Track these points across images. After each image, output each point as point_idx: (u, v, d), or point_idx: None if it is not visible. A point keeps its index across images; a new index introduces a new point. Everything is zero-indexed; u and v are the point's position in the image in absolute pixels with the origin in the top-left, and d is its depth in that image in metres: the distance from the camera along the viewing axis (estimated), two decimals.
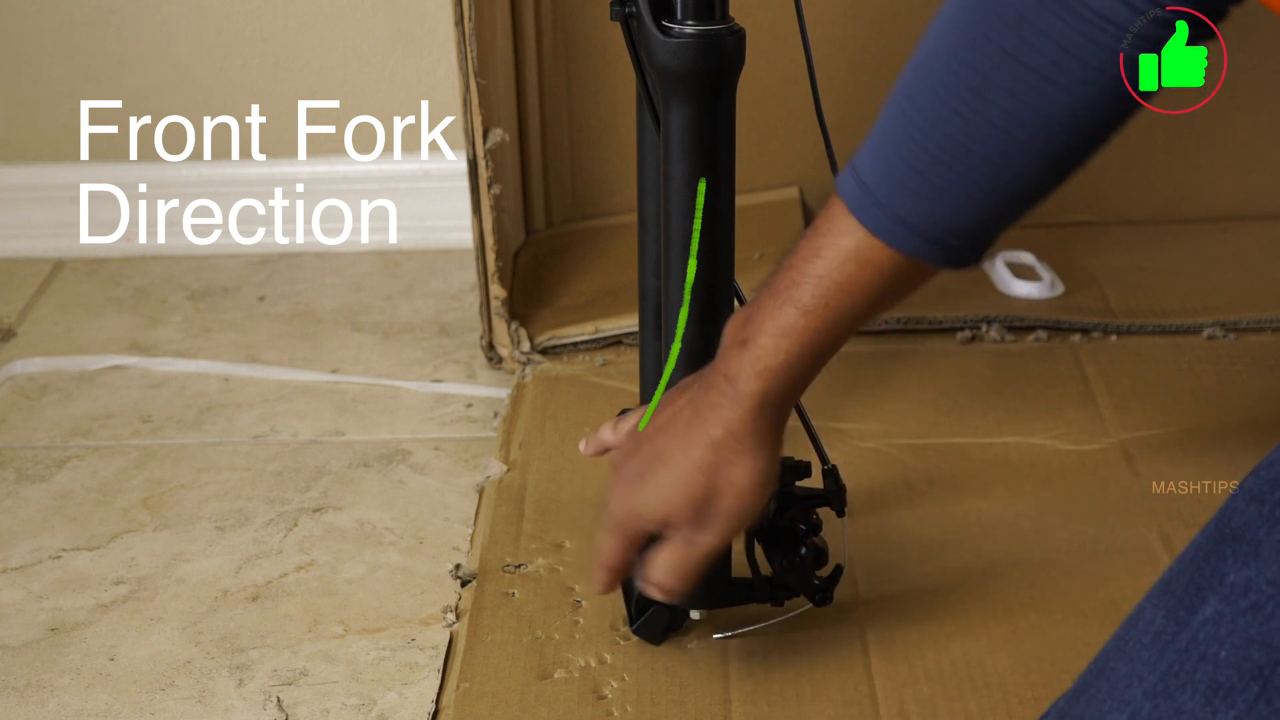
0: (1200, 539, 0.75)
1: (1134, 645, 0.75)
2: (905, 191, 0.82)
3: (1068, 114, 0.78)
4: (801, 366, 0.90)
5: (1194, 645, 0.72)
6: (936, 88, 0.80)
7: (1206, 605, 0.72)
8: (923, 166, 0.81)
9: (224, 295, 1.64)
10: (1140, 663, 0.74)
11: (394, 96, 1.67)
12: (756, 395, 0.90)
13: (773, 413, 0.91)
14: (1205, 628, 0.72)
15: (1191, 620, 0.72)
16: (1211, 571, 0.73)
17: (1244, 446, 1.28)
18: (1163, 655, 0.73)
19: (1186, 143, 1.60)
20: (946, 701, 1.03)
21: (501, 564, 1.18)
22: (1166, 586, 0.76)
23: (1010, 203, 0.83)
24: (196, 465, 1.35)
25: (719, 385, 0.91)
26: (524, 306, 1.50)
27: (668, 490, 0.93)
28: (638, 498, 0.94)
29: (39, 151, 1.72)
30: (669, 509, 0.93)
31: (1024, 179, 0.81)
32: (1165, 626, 0.74)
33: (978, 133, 0.80)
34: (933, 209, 0.82)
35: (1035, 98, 0.78)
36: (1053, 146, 0.80)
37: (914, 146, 0.81)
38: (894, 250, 0.84)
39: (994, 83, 0.78)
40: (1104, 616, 1.10)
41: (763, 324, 0.88)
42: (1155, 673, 0.73)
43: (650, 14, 0.96)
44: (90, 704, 1.08)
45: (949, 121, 0.80)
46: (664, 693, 1.04)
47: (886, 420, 1.34)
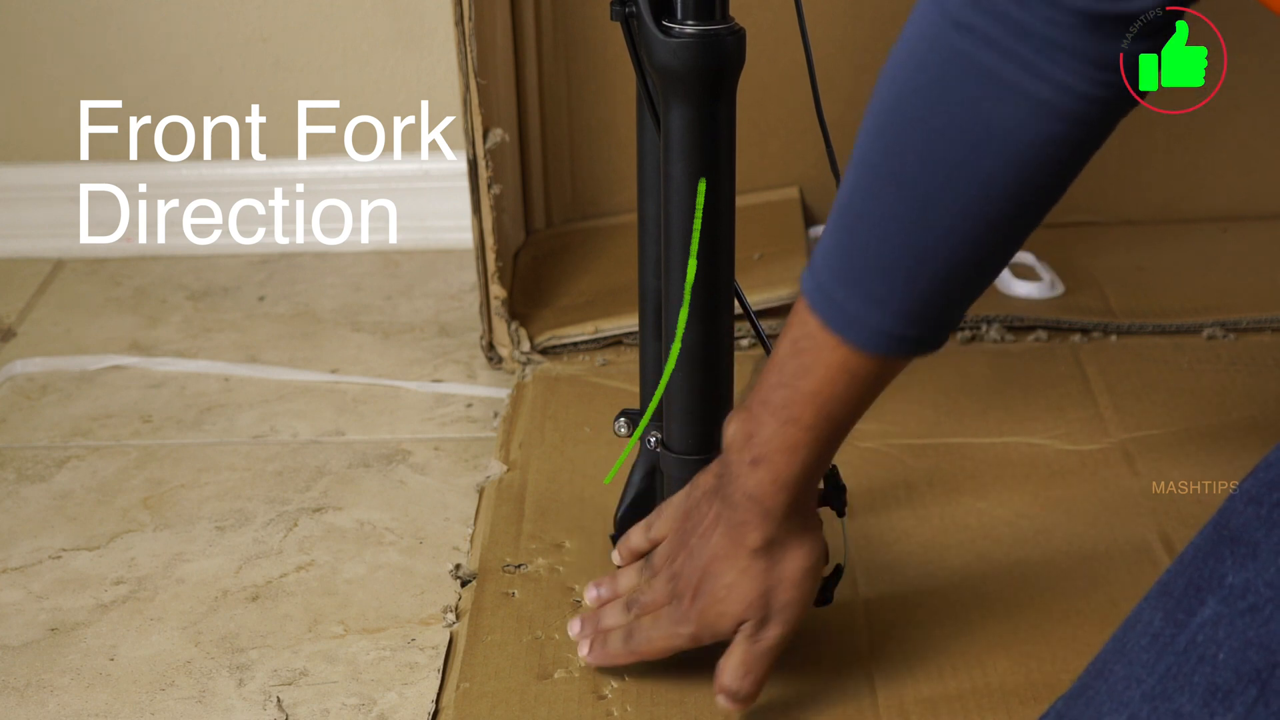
0: (1199, 540, 0.75)
1: (1132, 647, 0.75)
2: (873, 302, 0.86)
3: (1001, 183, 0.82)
4: (815, 467, 0.94)
5: (1192, 647, 0.72)
6: (872, 190, 0.85)
7: (1205, 607, 0.72)
8: (881, 274, 0.85)
9: (224, 295, 1.64)
10: (1138, 665, 0.74)
11: (394, 96, 1.67)
12: (785, 505, 0.94)
13: (801, 505, 0.95)
14: (1203, 630, 0.72)
15: (1190, 622, 0.72)
16: (1210, 573, 0.73)
17: (1244, 446, 1.28)
18: (1161, 657, 0.73)
19: (1186, 143, 1.60)
20: (946, 701, 1.03)
21: (501, 564, 1.18)
22: (1165, 588, 0.75)
23: (977, 275, 0.88)
24: (196, 465, 1.35)
25: (744, 505, 0.94)
26: (524, 306, 1.50)
27: (728, 604, 0.96)
28: (703, 616, 0.97)
29: (39, 151, 1.72)
30: (734, 619, 0.96)
31: (978, 254, 0.86)
32: (1163, 628, 0.74)
33: (920, 233, 0.84)
34: (909, 308, 0.86)
35: (963, 172, 0.81)
36: (991, 214, 0.83)
37: (867, 257, 0.86)
38: (883, 355, 0.88)
39: (925, 167, 0.82)
40: (1104, 616, 1.10)
41: (770, 441, 0.92)
42: (1153, 675, 0.73)
43: (650, 14, 0.96)
44: (90, 704, 1.08)
45: (892, 227, 0.84)
46: (664, 693, 1.04)
47: (886, 420, 1.34)
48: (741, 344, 1.40)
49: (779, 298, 1.46)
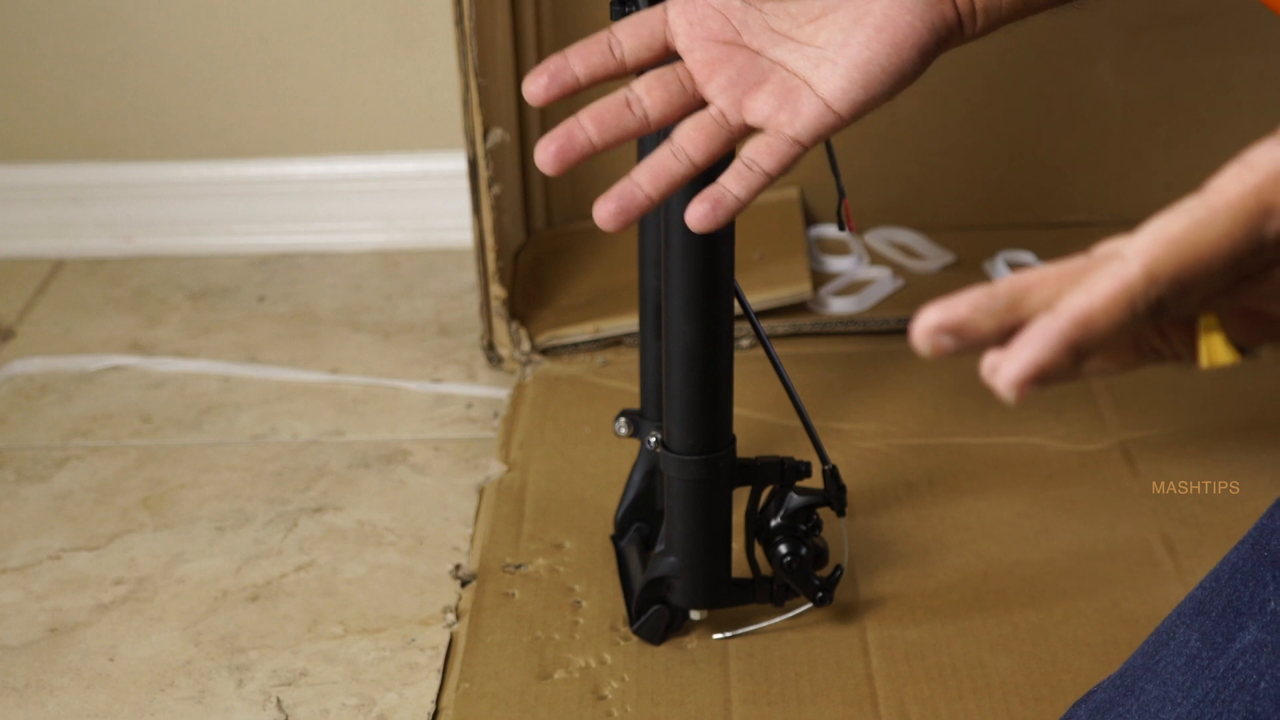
0: (1236, 558, 0.73)
1: (1166, 667, 0.73)
2: None
3: None
4: None
5: (1231, 674, 0.70)
6: None
7: (1245, 632, 0.70)
8: None
9: (224, 295, 1.64)
10: (1173, 686, 0.72)
11: (394, 96, 1.67)
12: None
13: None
14: (1244, 656, 0.70)
15: (1229, 647, 0.71)
16: (1250, 597, 0.71)
17: (1244, 447, 1.28)
18: (1198, 681, 0.71)
19: (1186, 143, 1.60)
20: (946, 702, 1.03)
21: (501, 564, 1.18)
22: (1201, 606, 0.73)
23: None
24: (196, 465, 1.35)
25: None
26: (524, 306, 1.50)
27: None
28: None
29: (39, 151, 1.72)
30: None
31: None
32: (1201, 650, 0.72)
33: None
34: None
35: None
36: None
37: None
38: None
39: None
40: (1104, 616, 1.10)
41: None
42: (1190, 699, 0.71)
43: None
44: (90, 704, 1.08)
45: None
46: (664, 693, 1.04)
47: (886, 420, 1.34)
48: (741, 344, 1.41)
49: (779, 298, 1.46)
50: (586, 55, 0.82)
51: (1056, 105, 1.59)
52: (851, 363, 1.42)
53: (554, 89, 0.82)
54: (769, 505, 1.06)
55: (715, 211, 0.80)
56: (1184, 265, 0.50)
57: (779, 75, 0.80)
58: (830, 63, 0.79)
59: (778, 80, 0.80)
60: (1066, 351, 0.50)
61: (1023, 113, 1.59)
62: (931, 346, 0.54)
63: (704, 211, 0.80)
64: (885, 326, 1.46)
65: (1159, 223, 0.50)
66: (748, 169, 0.80)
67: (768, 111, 0.80)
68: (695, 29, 0.81)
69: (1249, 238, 0.50)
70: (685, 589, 1.07)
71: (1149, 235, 0.50)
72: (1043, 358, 0.50)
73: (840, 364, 1.43)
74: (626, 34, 0.82)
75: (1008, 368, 0.50)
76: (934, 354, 0.54)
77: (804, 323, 1.47)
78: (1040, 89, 1.59)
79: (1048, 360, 0.50)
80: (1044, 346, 0.50)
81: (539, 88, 0.81)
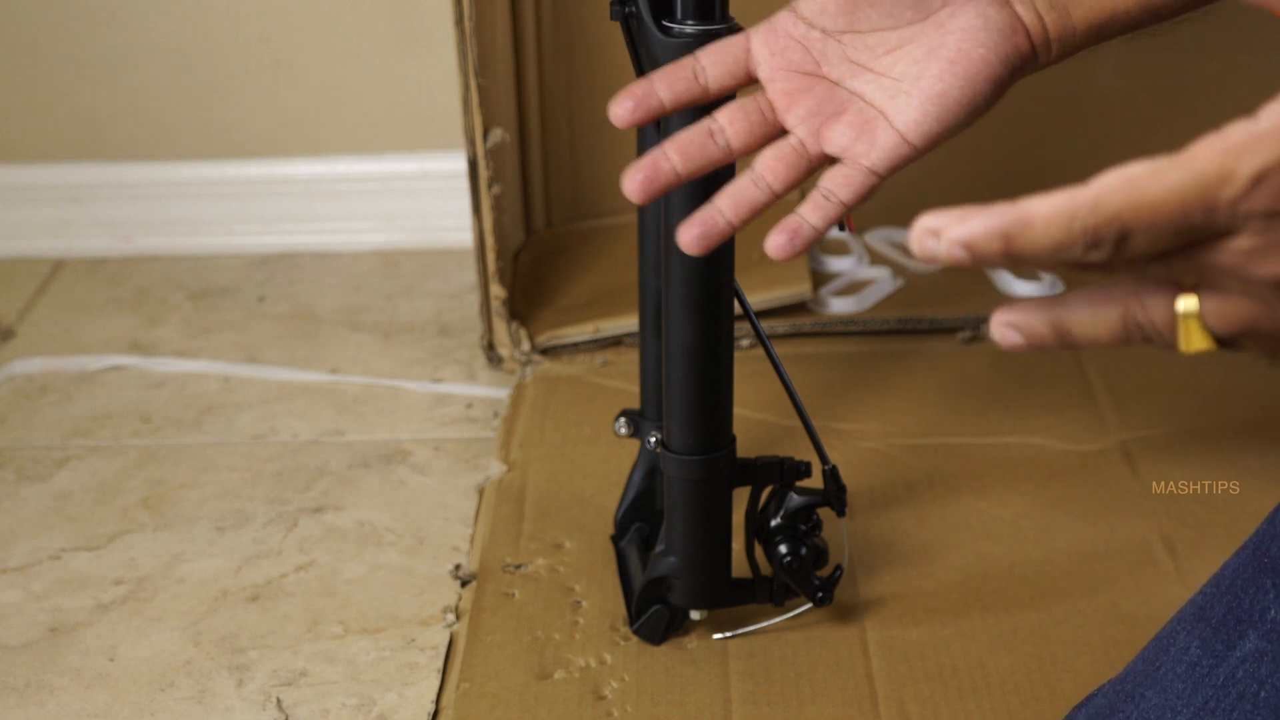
0: (1237, 564, 0.73)
1: (1166, 674, 0.73)
2: None
3: None
4: None
5: (1232, 683, 0.70)
6: None
7: (1246, 640, 0.70)
8: None
9: (224, 295, 1.64)
10: (1173, 693, 0.72)
11: (394, 96, 1.67)
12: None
13: None
14: (1244, 665, 0.70)
15: (1230, 655, 0.70)
16: (1250, 605, 0.71)
17: (1244, 446, 1.28)
18: (1198, 689, 0.71)
19: (1186, 143, 1.60)
20: (946, 702, 1.02)
21: (501, 564, 1.18)
22: (1201, 613, 0.73)
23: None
24: (196, 465, 1.35)
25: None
26: (524, 306, 1.50)
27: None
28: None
29: (39, 151, 1.72)
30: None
31: None
32: (1201, 658, 0.72)
33: None
34: None
35: None
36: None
37: None
38: None
39: None
40: (1104, 616, 1.10)
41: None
42: (1190, 706, 0.71)
43: (650, 14, 0.96)
44: (90, 704, 1.08)
45: None
46: (664, 693, 1.04)
47: (886, 420, 1.34)
48: (741, 344, 1.41)
49: (779, 298, 1.46)
50: (672, 81, 0.84)
51: (1056, 105, 1.59)
52: (851, 363, 1.42)
53: (639, 113, 0.84)
54: (769, 505, 1.06)
55: (794, 241, 0.82)
56: (1130, 203, 0.52)
57: (856, 106, 0.82)
58: (905, 95, 0.80)
59: (855, 111, 0.82)
60: (998, 237, 0.53)
61: (1023, 113, 1.59)
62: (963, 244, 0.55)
63: (782, 242, 0.82)
64: (885, 326, 1.46)
65: (1128, 166, 0.53)
66: (825, 200, 0.82)
67: (845, 142, 0.82)
68: (777, 59, 0.83)
69: (1201, 197, 0.52)
70: (685, 589, 1.07)
71: (1114, 172, 0.52)
72: (974, 234, 0.53)
73: (840, 364, 1.43)
74: (711, 61, 0.84)
75: (951, 230, 0.54)
76: (972, 263, 0.56)
77: (804, 323, 1.47)
78: (1040, 89, 1.59)
79: (978, 238, 0.53)
80: (982, 225, 0.53)
81: (625, 111, 0.83)
